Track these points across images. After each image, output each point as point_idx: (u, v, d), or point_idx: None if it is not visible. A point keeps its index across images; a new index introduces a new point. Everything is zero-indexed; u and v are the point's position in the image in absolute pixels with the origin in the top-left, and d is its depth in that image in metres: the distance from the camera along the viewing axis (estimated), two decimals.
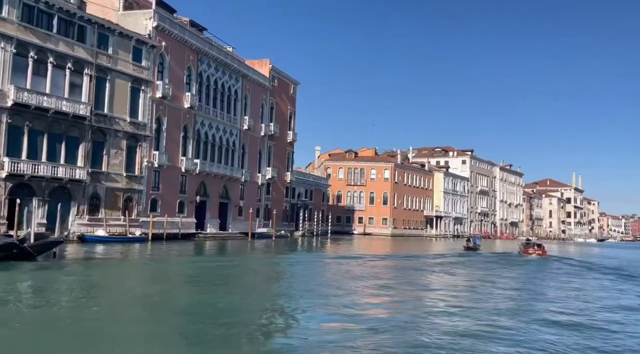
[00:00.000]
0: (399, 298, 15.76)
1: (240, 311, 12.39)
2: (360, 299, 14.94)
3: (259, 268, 25.56)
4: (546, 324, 12.00)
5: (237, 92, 48.22)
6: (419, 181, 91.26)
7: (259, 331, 10.44)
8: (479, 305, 14.43)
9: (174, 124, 39.18)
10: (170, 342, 9.34)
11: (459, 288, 19.17)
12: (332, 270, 24.45)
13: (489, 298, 16.40)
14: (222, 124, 45.95)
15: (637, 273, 28.75)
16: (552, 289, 19.57)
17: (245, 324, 10.92)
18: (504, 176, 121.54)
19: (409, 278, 21.99)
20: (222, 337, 9.65)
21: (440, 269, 26.81)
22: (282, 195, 57.80)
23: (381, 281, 20.26)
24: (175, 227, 38.15)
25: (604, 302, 16.43)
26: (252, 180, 50.67)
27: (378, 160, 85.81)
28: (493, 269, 27.56)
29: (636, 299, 17.83)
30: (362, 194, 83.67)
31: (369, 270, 24.57)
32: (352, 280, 20.05)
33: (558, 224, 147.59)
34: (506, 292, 18.12)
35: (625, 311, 14.83)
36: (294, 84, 59.94)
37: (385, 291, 17.12)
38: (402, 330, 10.67)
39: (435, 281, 21.67)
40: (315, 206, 65.52)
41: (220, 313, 12.01)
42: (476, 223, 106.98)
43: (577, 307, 15.15)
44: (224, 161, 46.34)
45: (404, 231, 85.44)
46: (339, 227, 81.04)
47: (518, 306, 14.81)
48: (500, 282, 21.26)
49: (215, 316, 11.53)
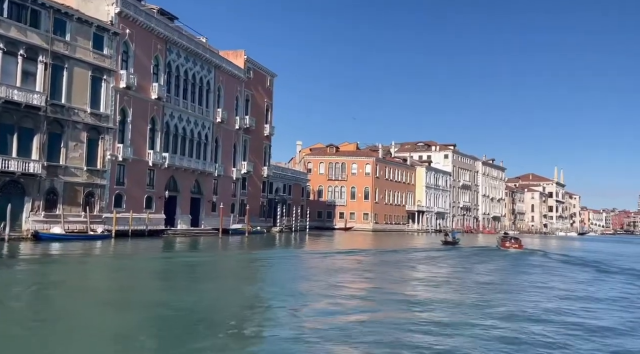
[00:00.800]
0: (364, 294, 15.22)
1: (199, 311, 11.60)
2: (322, 297, 14.19)
3: (225, 264, 24.55)
4: (502, 316, 11.92)
5: (209, 83, 46.56)
6: (400, 176, 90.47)
7: (213, 329, 9.93)
8: (437, 297, 14.62)
9: (140, 115, 37.45)
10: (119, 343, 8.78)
11: (428, 282, 18.71)
12: (303, 266, 23.86)
13: (453, 291, 16.38)
14: (194, 117, 44.30)
15: (599, 262, 30.61)
16: (519, 282, 19.70)
17: (200, 323, 10.35)
18: (487, 171, 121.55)
19: (379, 274, 21.25)
20: (177, 337, 9.14)
21: (414, 264, 26.70)
22: (259, 190, 56.35)
23: (346, 276, 19.55)
24: (142, 223, 36.51)
25: (561, 292, 16.77)
26: (226, 175, 49.12)
27: (359, 154, 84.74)
28: (467, 263, 27.59)
29: (590, 288, 18.54)
30: (343, 189, 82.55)
31: (335, 265, 23.88)
32: (317, 275, 19.34)
33: (540, 218, 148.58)
34: (470, 285, 18.01)
35: (581, 301, 15.10)
36: (271, 76, 58.40)
37: (349, 288, 16.23)
38: (371, 324, 10.60)
39: (406, 276, 21.08)
40: (294, 201, 64.22)
41: (178, 311, 11.37)
42: (458, 218, 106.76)
43: (535, 298, 15.20)
44: (196, 154, 44.72)
45: (386, 226, 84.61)
46: (320, 223, 79.94)
47: (480, 298, 14.77)
48: (468, 276, 21.09)
49: (173, 315, 11.03)
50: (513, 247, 38.26)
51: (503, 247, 38.98)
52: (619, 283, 20.65)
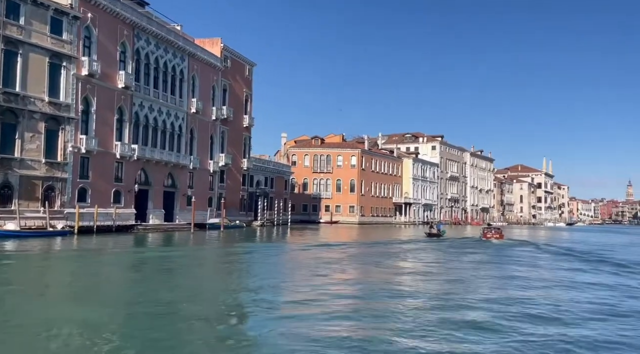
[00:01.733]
0: (336, 288, 14.51)
1: (159, 308, 10.82)
2: (285, 291, 13.70)
3: (189, 260, 23.03)
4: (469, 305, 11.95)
5: (182, 72, 44.61)
6: (387, 168, 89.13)
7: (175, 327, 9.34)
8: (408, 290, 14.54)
9: (105, 105, 35.49)
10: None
11: (405, 275, 18.35)
12: (273, 261, 22.74)
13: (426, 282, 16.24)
14: (166, 107, 42.37)
15: (578, 251, 31.52)
16: (493, 271, 19.84)
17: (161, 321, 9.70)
18: (475, 162, 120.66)
19: (352, 267, 20.46)
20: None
21: (393, 257, 25.72)
22: (239, 183, 54.61)
23: (320, 270, 18.53)
24: (109, 219, 34.67)
25: (531, 282, 16.75)
26: (202, 167, 47.31)
27: (345, 146, 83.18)
28: (443, 255, 27.03)
29: (553, 275, 18.91)
30: (328, 181, 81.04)
31: (306, 259, 22.82)
32: (287, 271, 18.55)
33: (529, 209, 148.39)
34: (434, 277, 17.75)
35: (543, 288, 15.21)
36: (250, 65, 56.48)
37: (321, 282, 15.45)
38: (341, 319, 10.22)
39: (383, 269, 20.04)
40: (277, 194, 62.58)
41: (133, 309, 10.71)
42: (446, 209, 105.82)
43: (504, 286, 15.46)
44: (169, 146, 42.86)
45: (372, 218, 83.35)
46: (305, 216, 78.54)
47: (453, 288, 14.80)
48: (440, 267, 21.10)
49: (130, 313, 10.43)
50: (494, 238, 39.06)
51: (485, 238, 39.44)
52: (580, 268, 21.36)
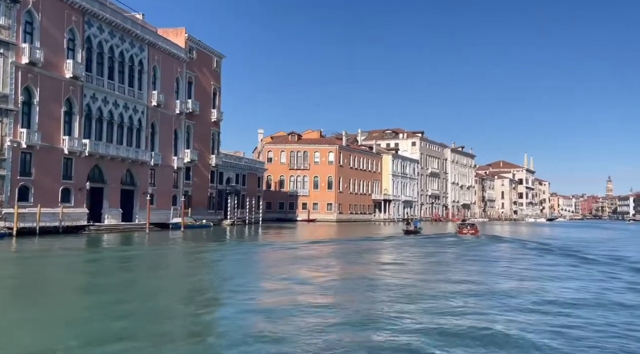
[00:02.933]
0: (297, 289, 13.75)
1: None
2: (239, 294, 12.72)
3: (132, 262, 21.01)
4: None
5: (142, 62, 42.07)
6: (366, 164, 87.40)
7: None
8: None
9: (51, 96, 32.86)
10: None
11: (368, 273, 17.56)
12: (227, 260, 21.35)
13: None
14: (123, 99, 39.82)
15: (545, 244, 32.75)
16: (455, 265, 20.14)
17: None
18: (456, 158, 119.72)
19: (315, 266, 19.41)
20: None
21: (364, 253, 25.09)
22: (207, 180, 52.21)
23: (275, 270, 17.62)
24: (56, 219, 32.10)
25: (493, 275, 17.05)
26: (165, 164, 44.85)
27: (322, 142, 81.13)
28: (410, 251, 26.28)
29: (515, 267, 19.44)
30: (305, 178, 78.95)
31: (264, 260, 21.97)
32: (237, 273, 17.11)
33: (510, 205, 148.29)
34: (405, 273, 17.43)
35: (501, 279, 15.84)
36: (218, 57, 54.04)
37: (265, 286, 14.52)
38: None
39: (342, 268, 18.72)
40: (249, 192, 60.28)
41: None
42: (427, 206, 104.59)
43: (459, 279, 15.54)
44: (127, 141, 40.33)
45: (351, 216, 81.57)
46: (282, 215, 76.48)
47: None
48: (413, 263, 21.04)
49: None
50: (470, 234, 39.52)
51: (460, 234, 39.74)
52: (541, 261, 22.45)
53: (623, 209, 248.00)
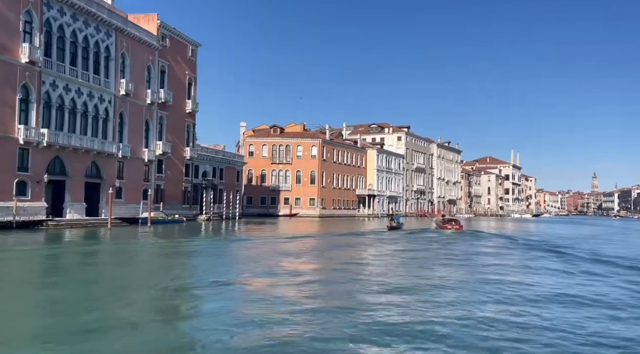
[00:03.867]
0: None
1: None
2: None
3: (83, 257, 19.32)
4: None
5: (109, 49, 39.88)
6: (350, 159, 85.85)
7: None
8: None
9: (4, 82, 30.65)
10: None
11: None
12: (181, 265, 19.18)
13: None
14: (87, 87, 37.65)
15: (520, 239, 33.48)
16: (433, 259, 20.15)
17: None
18: (442, 153, 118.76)
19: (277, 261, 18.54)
20: None
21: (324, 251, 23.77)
22: (181, 174, 50.20)
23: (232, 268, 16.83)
24: (9, 213, 30.01)
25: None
26: (135, 156, 42.78)
27: (305, 136, 79.35)
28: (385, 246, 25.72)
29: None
30: (288, 173, 77.21)
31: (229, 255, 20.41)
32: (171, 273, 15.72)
33: (496, 200, 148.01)
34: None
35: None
36: (193, 45, 51.91)
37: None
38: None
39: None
40: (227, 186, 58.37)
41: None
42: (412, 201, 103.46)
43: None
44: (92, 132, 38.20)
45: (334, 211, 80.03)
46: (264, 210, 74.75)
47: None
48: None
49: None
50: (454, 229, 40.06)
51: (444, 229, 40.52)
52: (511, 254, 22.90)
53: (608, 205, 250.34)
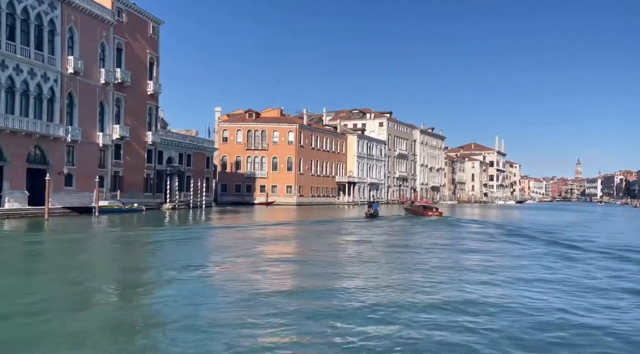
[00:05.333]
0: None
1: None
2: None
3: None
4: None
5: (53, 22, 36.44)
6: (329, 145, 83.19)
7: None
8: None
9: None
10: None
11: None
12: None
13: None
14: (28, 64, 34.27)
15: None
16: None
17: None
18: (425, 139, 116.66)
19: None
20: None
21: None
22: (143, 160, 47.09)
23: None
24: None
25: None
26: (88, 140, 39.61)
27: (281, 121, 76.36)
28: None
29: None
30: (264, 159, 74.38)
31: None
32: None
33: (480, 187, 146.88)
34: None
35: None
36: (155, 22, 48.41)
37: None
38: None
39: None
40: (196, 172, 55.35)
41: None
42: (394, 188, 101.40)
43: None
44: (35, 113, 34.94)
45: (313, 199, 77.55)
46: (239, 198, 72.00)
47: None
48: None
49: None
50: (435, 215, 43.06)
51: (425, 216, 43.41)
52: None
53: (591, 191, 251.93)
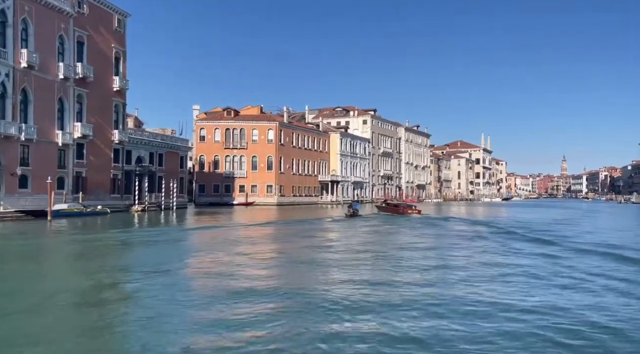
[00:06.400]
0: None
1: None
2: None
3: None
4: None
5: (4, 13, 34.02)
6: (311, 143, 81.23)
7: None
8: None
9: None
10: None
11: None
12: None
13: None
14: None
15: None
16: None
17: None
18: (410, 137, 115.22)
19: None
20: None
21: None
22: (109, 160, 44.69)
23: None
24: None
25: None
26: (45, 139, 37.17)
27: (260, 119, 74.22)
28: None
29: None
30: (243, 158, 72.18)
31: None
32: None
33: (466, 185, 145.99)
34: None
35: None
36: (121, 15, 46.00)
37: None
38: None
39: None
40: (168, 173, 53.03)
41: None
42: (379, 187, 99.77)
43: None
44: None
45: (294, 198, 75.53)
46: (217, 198, 69.78)
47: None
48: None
49: None
50: (415, 213, 44.87)
51: (406, 214, 44.73)
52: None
53: (577, 187, 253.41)
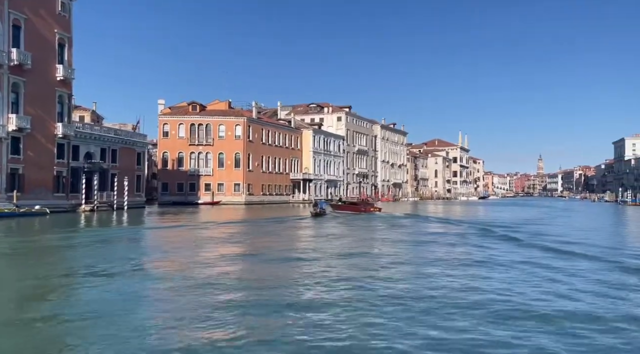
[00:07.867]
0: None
1: None
2: None
3: None
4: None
5: None
6: (283, 140, 78.21)
7: None
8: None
9: None
10: None
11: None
12: None
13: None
14: None
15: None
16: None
17: None
18: (386, 135, 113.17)
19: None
20: None
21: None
22: (51, 155, 40.89)
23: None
24: None
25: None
26: None
27: (227, 114, 70.84)
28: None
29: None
30: (209, 155, 68.80)
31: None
32: None
33: (443, 183, 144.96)
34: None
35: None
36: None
37: None
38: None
39: None
40: (123, 170, 49.31)
41: None
42: (354, 185, 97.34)
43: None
44: None
45: (264, 197, 72.43)
46: (181, 197, 66.31)
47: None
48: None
49: None
50: (376, 211, 46.08)
51: (370, 211, 45.56)
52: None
53: (552, 186, 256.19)
